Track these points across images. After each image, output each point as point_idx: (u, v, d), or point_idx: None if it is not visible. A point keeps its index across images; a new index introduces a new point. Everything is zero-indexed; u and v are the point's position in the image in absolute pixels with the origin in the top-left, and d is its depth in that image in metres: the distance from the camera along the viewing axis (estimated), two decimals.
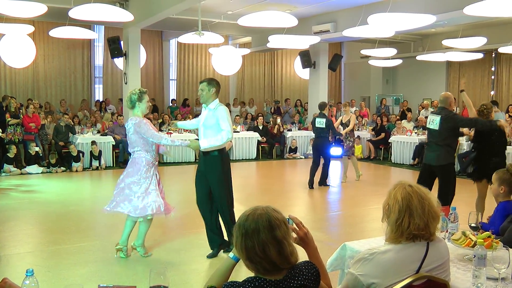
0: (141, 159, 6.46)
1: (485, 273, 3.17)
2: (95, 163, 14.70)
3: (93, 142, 14.77)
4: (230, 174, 6.99)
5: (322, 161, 12.24)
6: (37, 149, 14.26)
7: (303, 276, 2.60)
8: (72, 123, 16.15)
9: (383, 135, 17.65)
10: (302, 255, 2.73)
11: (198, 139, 6.78)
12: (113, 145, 15.42)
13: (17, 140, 14.20)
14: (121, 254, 6.69)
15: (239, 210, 2.70)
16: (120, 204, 6.46)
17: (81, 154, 14.62)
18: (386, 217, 3.04)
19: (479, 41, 15.68)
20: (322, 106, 12.35)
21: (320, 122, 12.07)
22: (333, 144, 18.34)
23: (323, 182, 12.41)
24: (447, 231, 4.04)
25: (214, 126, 6.56)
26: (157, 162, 6.69)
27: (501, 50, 17.50)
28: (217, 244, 6.92)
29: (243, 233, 2.56)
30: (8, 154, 13.68)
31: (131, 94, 6.54)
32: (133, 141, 6.46)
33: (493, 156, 8.17)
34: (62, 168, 14.23)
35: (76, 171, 14.24)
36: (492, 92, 21.30)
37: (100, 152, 14.82)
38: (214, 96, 6.72)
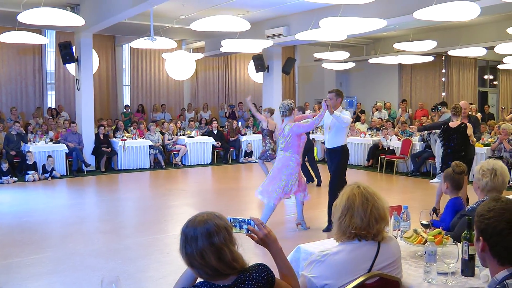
0: (293, 159, 7.96)
1: (436, 269, 3.26)
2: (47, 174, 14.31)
3: (49, 156, 14.40)
4: (346, 165, 8.66)
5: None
6: None
7: (253, 280, 2.62)
8: (24, 132, 15.79)
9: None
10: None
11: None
12: (66, 153, 15.02)
13: None
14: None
15: (192, 215, 2.71)
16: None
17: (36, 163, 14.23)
18: (334, 216, 3.13)
19: (430, 45, 16.00)
20: (301, 108, 12.80)
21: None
22: None
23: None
24: (399, 230, 4.09)
25: (338, 127, 8.16)
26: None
27: (451, 53, 17.99)
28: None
29: (183, 239, 2.59)
30: None
31: (288, 103, 8.05)
32: (290, 143, 7.92)
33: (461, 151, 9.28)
34: (14, 178, 13.82)
35: (34, 180, 13.78)
36: (443, 94, 21.72)
37: (52, 169, 14.40)
38: (339, 104, 8.31)
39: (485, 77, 24.56)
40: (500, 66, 21.57)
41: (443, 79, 22.00)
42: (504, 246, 2.27)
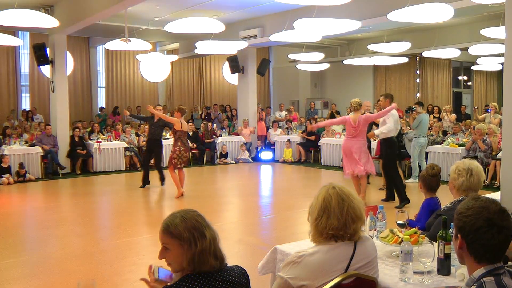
0: (363, 141, 9.90)
1: (412, 268, 3.27)
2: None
3: (21, 165, 14.12)
4: (396, 154, 11.05)
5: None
6: None
7: (234, 272, 2.68)
8: None
9: (313, 138, 17.84)
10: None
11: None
12: (41, 155, 14.79)
13: None
14: None
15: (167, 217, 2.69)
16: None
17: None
18: (310, 217, 3.13)
19: (403, 46, 16.14)
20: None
21: None
22: (264, 148, 18.47)
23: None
24: (375, 230, 4.11)
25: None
26: None
27: (425, 54, 18.15)
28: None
29: (196, 235, 2.58)
30: None
31: (358, 100, 10.08)
32: (361, 130, 9.79)
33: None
34: None
35: (8, 183, 13.44)
36: (418, 95, 21.92)
37: (25, 172, 14.18)
38: (387, 104, 10.15)
39: (459, 78, 24.88)
40: (474, 67, 21.87)
41: (417, 80, 22.23)
42: (481, 244, 2.29)
